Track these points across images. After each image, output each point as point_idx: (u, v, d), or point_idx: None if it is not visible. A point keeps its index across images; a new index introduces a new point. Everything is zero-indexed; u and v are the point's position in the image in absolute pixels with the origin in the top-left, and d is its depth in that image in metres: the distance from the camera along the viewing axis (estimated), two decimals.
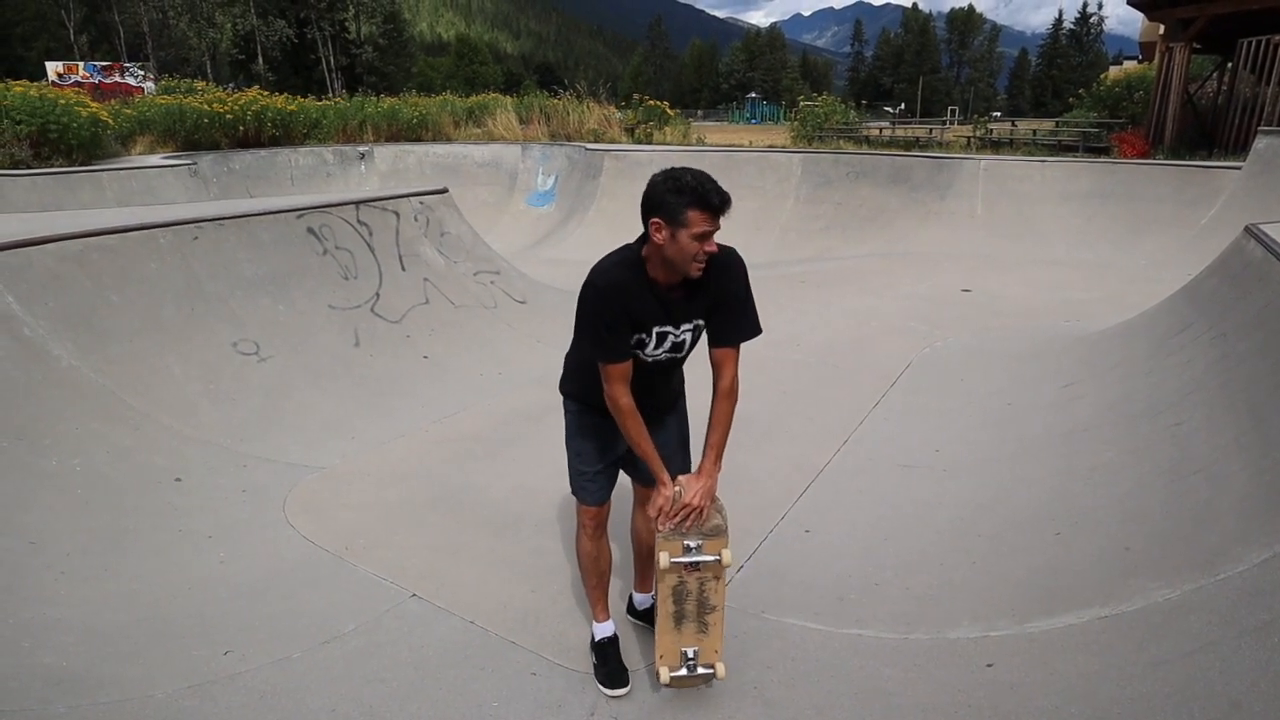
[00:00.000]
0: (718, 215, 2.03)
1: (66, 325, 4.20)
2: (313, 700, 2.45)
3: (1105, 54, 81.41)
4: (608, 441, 2.45)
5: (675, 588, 2.33)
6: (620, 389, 2.21)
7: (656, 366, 2.33)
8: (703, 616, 2.36)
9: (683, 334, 2.28)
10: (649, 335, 2.23)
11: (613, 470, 2.53)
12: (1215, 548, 2.60)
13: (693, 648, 2.37)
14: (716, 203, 2.01)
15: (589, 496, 2.49)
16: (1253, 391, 3.40)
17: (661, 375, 2.39)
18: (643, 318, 2.19)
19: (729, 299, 2.26)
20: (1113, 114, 16.10)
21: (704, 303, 2.26)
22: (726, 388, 2.29)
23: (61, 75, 24.63)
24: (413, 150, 17.73)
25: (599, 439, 2.46)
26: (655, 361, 2.31)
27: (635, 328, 2.20)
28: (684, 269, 2.10)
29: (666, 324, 2.23)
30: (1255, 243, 4.57)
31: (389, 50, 53.83)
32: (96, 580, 3.02)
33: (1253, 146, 10.59)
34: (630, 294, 2.16)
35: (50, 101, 12.64)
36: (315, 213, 5.94)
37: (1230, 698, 2.00)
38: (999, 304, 8.08)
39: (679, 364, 2.41)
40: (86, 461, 3.65)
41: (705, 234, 2.03)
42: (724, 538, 2.31)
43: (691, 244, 2.04)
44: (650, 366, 2.31)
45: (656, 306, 2.19)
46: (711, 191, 2.01)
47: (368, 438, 4.60)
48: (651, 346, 2.25)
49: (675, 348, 2.30)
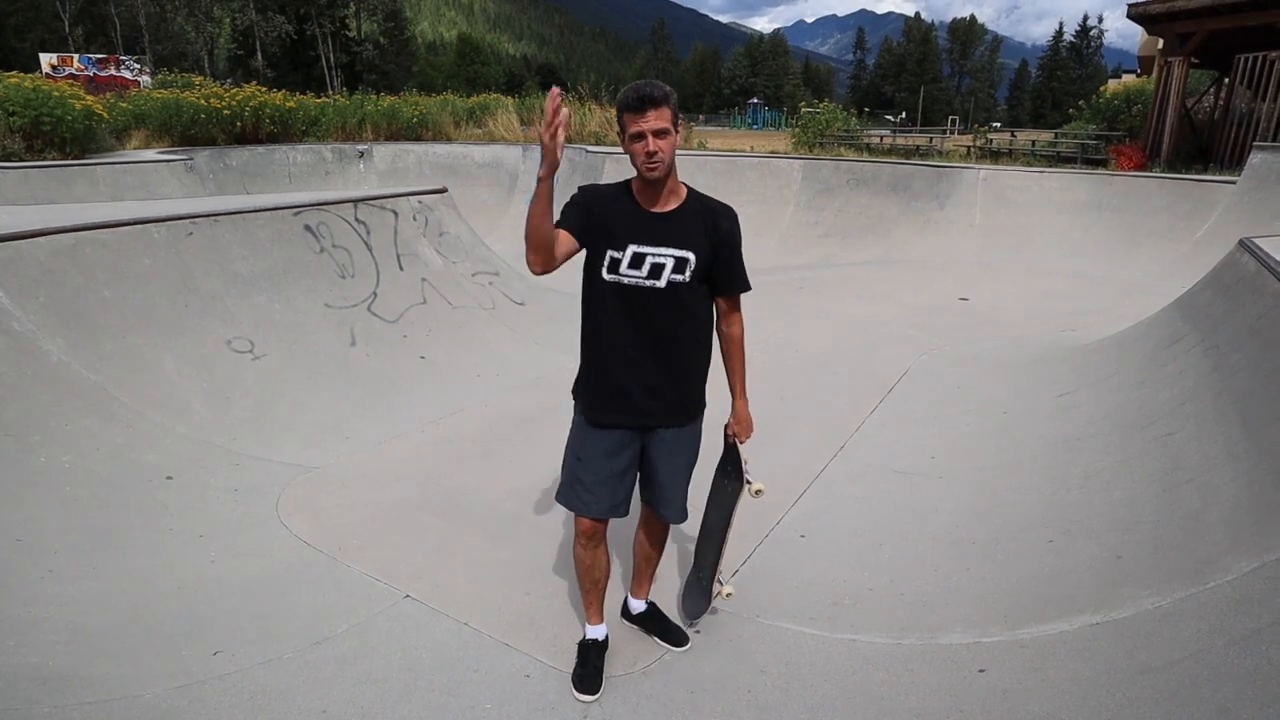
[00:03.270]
0: (640, 113, 2.11)
1: (58, 320, 4.17)
2: (304, 701, 2.43)
3: (1104, 67, 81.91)
4: (614, 451, 2.37)
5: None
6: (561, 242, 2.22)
7: (635, 296, 2.24)
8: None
9: (662, 257, 2.23)
10: (622, 251, 2.22)
11: (616, 484, 2.39)
12: (1205, 557, 2.62)
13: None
14: (633, 99, 2.11)
15: (585, 507, 2.39)
16: (1244, 403, 3.43)
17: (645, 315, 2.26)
18: (617, 228, 2.23)
19: (730, 240, 2.31)
20: (1111, 126, 16.19)
21: (697, 235, 2.25)
22: (738, 333, 2.47)
23: (55, 67, 24.43)
24: (412, 149, 17.70)
25: (605, 446, 2.36)
26: (635, 287, 2.24)
27: (611, 241, 2.23)
28: (641, 172, 2.19)
29: (645, 242, 2.22)
30: (1249, 256, 4.60)
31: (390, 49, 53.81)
32: (85, 579, 3.00)
33: (1248, 161, 10.65)
34: (608, 202, 2.27)
35: (44, 94, 12.46)
36: (313, 210, 5.92)
37: (1219, 704, 2.02)
38: (996, 313, 8.11)
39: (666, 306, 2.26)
40: (76, 459, 3.63)
41: (638, 134, 2.12)
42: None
43: (633, 145, 2.15)
44: (625, 294, 2.24)
45: (635, 221, 2.24)
46: (631, 94, 2.13)
47: (363, 438, 4.58)
48: (626, 264, 2.22)
49: (654, 271, 2.23)
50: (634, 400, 2.32)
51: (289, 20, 46.66)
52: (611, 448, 2.37)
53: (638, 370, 2.30)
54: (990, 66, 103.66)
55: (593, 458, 2.38)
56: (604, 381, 2.34)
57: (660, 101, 2.10)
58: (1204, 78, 16.96)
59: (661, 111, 2.10)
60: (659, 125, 2.11)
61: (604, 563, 2.54)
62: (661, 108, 2.10)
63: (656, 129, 2.11)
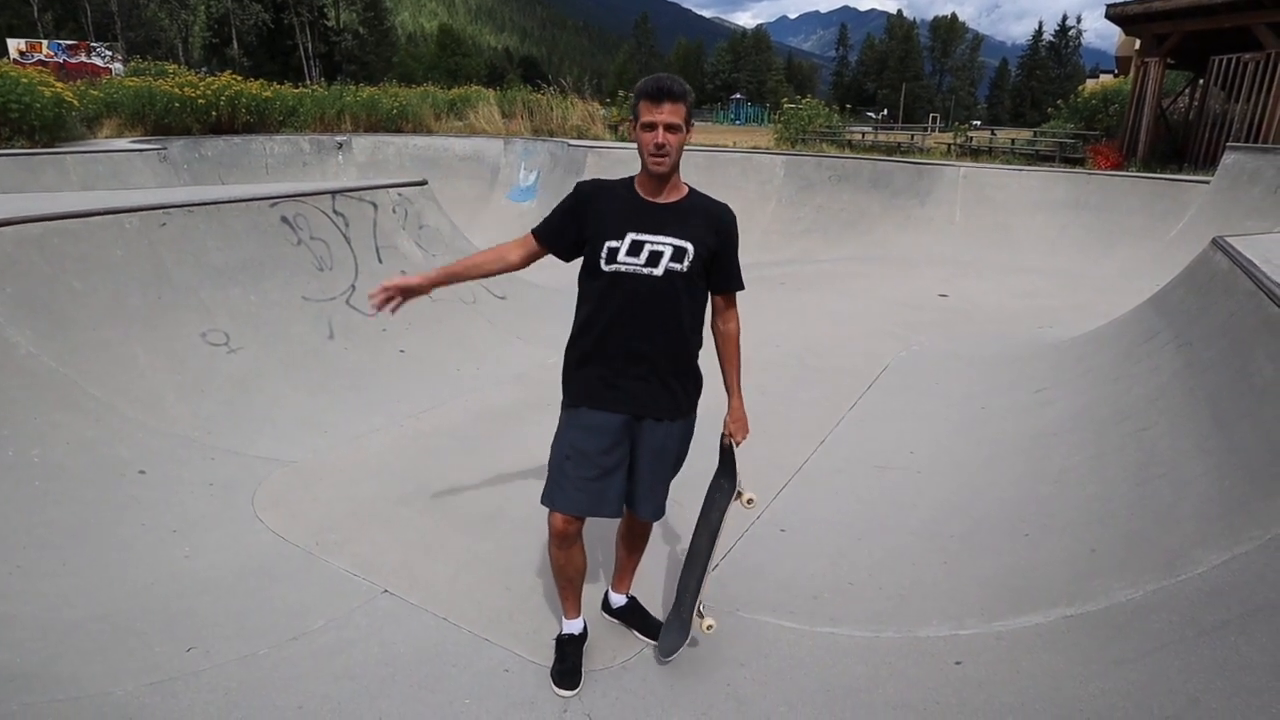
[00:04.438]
0: (657, 103, 2.13)
1: (25, 311, 4.06)
2: (279, 698, 2.40)
3: (1083, 67, 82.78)
4: (605, 450, 2.31)
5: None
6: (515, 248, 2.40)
7: (631, 284, 2.22)
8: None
9: (661, 245, 2.22)
10: (620, 240, 2.23)
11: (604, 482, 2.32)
12: (1176, 550, 2.67)
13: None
14: (652, 89, 2.14)
15: (563, 502, 2.32)
16: (1215, 399, 3.48)
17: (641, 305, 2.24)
18: (615, 217, 2.25)
19: (728, 238, 2.34)
20: (1089, 126, 16.42)
21: (696, 228, 2.26)
22: (734, 330, 2.55)
23: (24, 53, 23.88)
24: (392, 141, 17.53)
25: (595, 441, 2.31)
26: (633, 274, 2.22)
27: (608, 231, 2.23)
28: (646, 163, 2.20)
29: (643, 230, 2.23)
30: (1221, 255, 4.67)
31: (369, 39, 53.22)
32: (54, 575, 2.94)
33: (1221, 161, 10.86)
34: (610, 193, 2.30)
35: (11, 80, 12.15)
36: (290, 202, 5.83)
37: (1189, 694, 2.05)
38: (975, 309, 8.19)
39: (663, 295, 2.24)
40: (45, 452, 3.55)
41: (650, 124, 2.14)
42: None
43: (643, 134, 2.17)
44: (623, 283, 2.22)
45: (633, 210, 2.26)
46: (651, 83, 2.15)
47: (341, 432, 4.53)
48: (624, 252, 2.22)
49: (651, 259, 2.22)
50: (626, 386, 2.29)
51: (266, 9, 45.99)
52: (602, 445, 2.31)
53: (631, 357, 2.28)
54: (971, 65, 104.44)
55: (581, 453, 2.31)
56: (597, 370, 2.31)
57: (679, 97, 2.14)
58: (1180, 78, 17.22)
59: (677, 107, 2.14)
60: (672, 119, 2.14)
61: (579, 562, 2.49)
62: (678, 103, 2.14)
63: (669, 123, 2.14)
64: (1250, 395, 3.25)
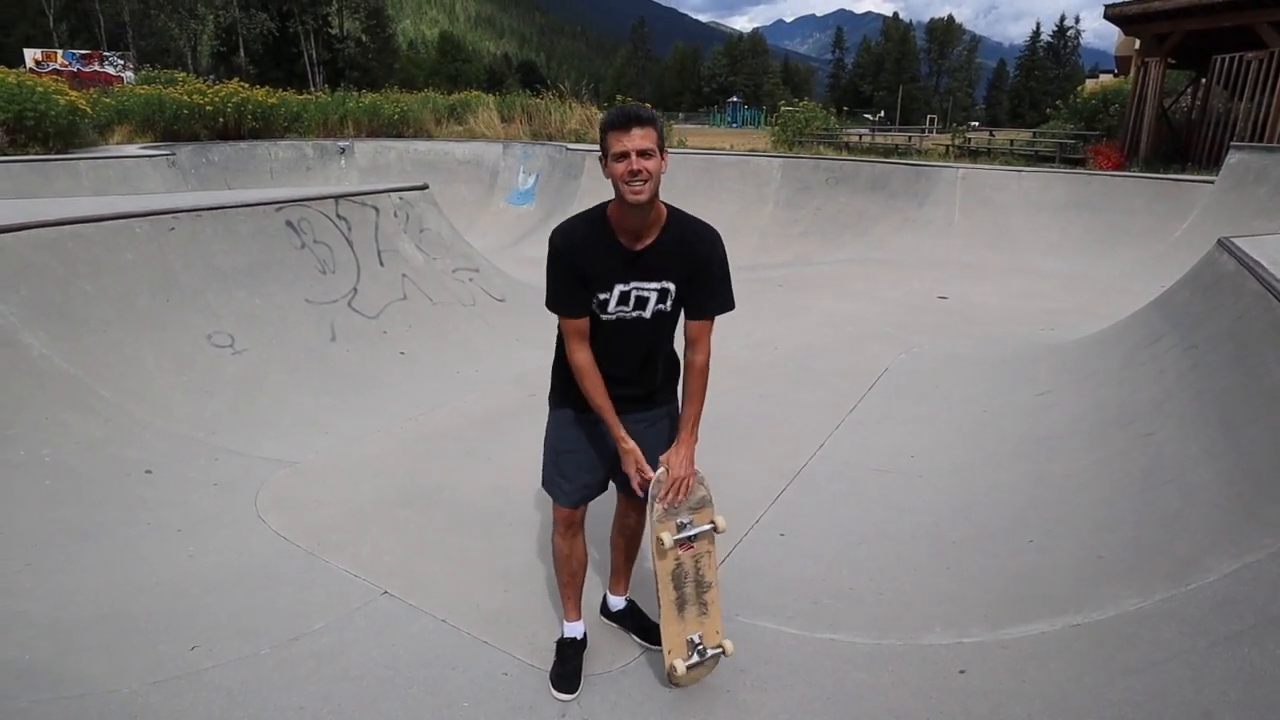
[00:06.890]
0: (624, 129, 2.03)
1: (38, 313, 4.12)
2: (280, 698, 2.40)
3: (1082, 67, 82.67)
4: (590, 446, 2.41)
5: (674, 572, 2.34)
6: (577, 344, 2.25)
7: (622, 328, 2.25)
8: (701, 597, 2.39)
9: (647, 291, 2.20)
10: (609, 293, 2.19)
11: (591, 479, 2.46)
12: (1186, 557, 2.63)
13: (697, 633, 2.40)
14: (618, 118, 2.05)
15: (564, 498, 2.45)
16: (1223, 403, 3.45)
17: (628, 341, 2.28)
18: (602, 273, 2.17)
19: (706, 268, 2.23)
20: (1089, 126, 16.38)
21: (677, 266, 2.21)
22: (702, 362, 2.32)
23: (40, 62, 24.16)
24: (393, 146, 17.60)
25: (580, 443, 2.41)
26: (620, 320, 2.23)
27: (596, 285, 2.18)
28: (623, 195, 2.07)
29: (630, 280, 2.19)
30: (1228, 256, 4.64)
31: (371, 46, 53.51)
32: (62, 573, 2.96)
33: (1225, 161, 10.80)
34: (589, 250, 2.17)
35: (28, 88, 12.49)
36: (294, 206, 5.87)
37: (1201, 707, 2.01)
38: (975, 311, 8.17)
39: (650, 332, 2.28)
40: (55, 452, 3.58)
41: (622, 153, 2.03)
42: (710, 507, 2.38)
43: (615, 166, 2.05)
44: (614, 327, 2.24)
45: (617, 262, 2.17)
46: (616, 113, 2.06)
47: (342, 433, 4.54)
48: (614, 304, 2.20)
49: (639, 304, 2.21)
50: (613, 394, 2.31)
51: (271, 17, 46.39)
52: (590, 433, 2.40)
53: (618, 381, 2.30)
54: (968, 66, 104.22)
55: (570, 449, 2.43)
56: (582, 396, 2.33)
57: (647, 122, 2.05)
58: (1181, 78, 17.18)
59: (647, 131, 2.04)
60: (644, 145, 2.03)
61: (581, 554, 2.56)
62: (648, 127, 2.04)
63: (641, 148, 2.03)
64: (1259, 399, 3.21)
